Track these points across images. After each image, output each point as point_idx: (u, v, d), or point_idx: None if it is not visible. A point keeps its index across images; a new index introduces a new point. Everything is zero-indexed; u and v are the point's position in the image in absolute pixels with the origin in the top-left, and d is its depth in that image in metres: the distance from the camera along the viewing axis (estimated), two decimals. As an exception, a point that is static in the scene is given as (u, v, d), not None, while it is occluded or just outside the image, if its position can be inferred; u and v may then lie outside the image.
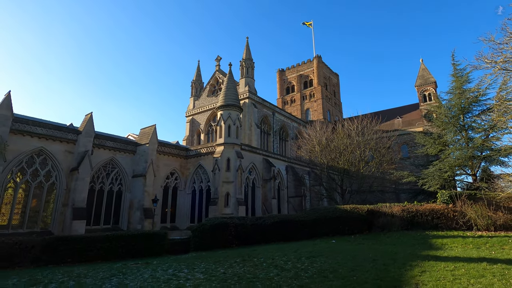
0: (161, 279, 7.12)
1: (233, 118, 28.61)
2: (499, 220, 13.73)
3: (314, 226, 15.67)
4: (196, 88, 53.80)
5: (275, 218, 16.22)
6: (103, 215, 25.76)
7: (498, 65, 14.11)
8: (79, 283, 7.20)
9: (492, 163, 23.70)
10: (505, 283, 5.56)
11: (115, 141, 27.37)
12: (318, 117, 65.43)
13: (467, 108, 25.69)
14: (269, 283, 6.46)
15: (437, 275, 6.36)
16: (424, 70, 54.38)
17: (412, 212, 16.12)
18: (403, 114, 58.21)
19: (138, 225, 25.95)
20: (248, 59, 46.64)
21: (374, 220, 16.51)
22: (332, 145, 27.84)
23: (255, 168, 31.76)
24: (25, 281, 7.50)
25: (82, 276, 8.12)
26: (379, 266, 7.55)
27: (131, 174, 27.58)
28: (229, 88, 29.95)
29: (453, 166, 24.85)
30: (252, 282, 6.44)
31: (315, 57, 69.69)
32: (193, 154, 31.80)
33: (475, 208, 14.42)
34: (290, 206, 35.30)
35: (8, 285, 7.18)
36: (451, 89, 27.01)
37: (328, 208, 17.81)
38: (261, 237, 15.23)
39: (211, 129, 48.66)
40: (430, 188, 26.12)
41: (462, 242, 11.38)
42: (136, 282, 6.97)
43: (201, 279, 6.99)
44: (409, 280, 6.07)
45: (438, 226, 15.24)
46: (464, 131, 25.41)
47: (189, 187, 31.12)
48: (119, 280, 7.34)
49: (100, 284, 6.91)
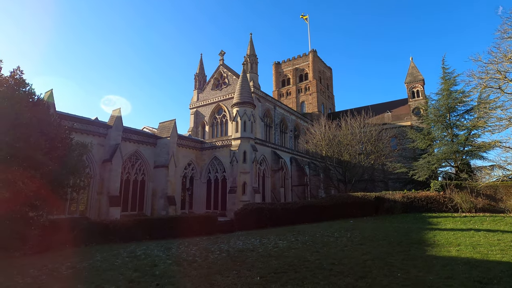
0: (256, 244, 10.19)
1: (248, 114, 31.42)
2: (479, 204, 17.65)
3: (333, 210, 19.11)
4: (199, 81, 55.54)
5: (300, 204, 19.55)
6: (130, 202, 28.37)
7: (484, 81, 17.81)
8: (171, 248, 10.08)
9: (473, 157, 27.88)
10: (487, 240, 9.03)
11: (139, 135, 29.77)
12: (313, 109, 68.93)
13: (453, 108, 29.66)
14: (335, 243, 9.66)
15: (444, 236, 9.81)
16: (414, 68, 58.44)
17: (410, 198, 19.90)
18: (393, 108, 62.41)
19: (163, 211, 28.72)
20: (252, 55, 48.80)
21: (380, 205, 20.17)
22: (336, 139, 31.32)
23: (265, 160, 34.94)
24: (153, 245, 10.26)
25: (172, 245, 11.00)
26: (402, 234, 10.96)
27: (152, 164, 30.09)
28: (244, 86, 32.57)
29: (440, 159, 29.04)
30: (325, 245, 9.56)
31: (311, 51, 72.28)
32: (208, 147, 34.55)
33: (460, 195, 18.26)
34: (294, 194, 38.95)
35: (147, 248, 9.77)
36: (440, 90, 30.95)
37: (343, 195, 21.29)
38: (289, 219, 18.49)
39: (215, 121, 51.01)
40: (419, 178, 30.31)
41: (452, 220, 15.09)
42: (237, 245, 9.97)
43: (285, 243, 10.10)
44: (428, 239, 9.47)
45: (432, 209, 19.07)
46: (450, 129, 29.43)
47: (204, 177, 33.99)
48: (218, 247, 10.28)
49: (207, 245, 9.80)
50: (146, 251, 9.45)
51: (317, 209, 19.01)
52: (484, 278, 5.33)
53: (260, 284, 5.36)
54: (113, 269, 6.96)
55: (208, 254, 8.57)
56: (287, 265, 6.62)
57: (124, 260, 8.17)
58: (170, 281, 5.86)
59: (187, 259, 7.95)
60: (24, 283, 6.09)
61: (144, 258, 8.31)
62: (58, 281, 6.31)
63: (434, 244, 8.58)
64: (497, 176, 22.57)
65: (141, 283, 5.81)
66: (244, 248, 9.45)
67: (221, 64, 52.73)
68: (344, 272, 5.91)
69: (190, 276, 6.14)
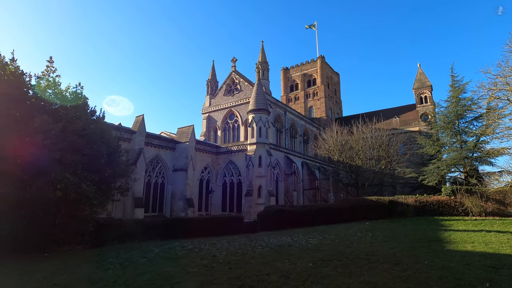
0: (289, 241, 11.50)
1: (263, 120, 32.89)
2: (488, 208, 18.74)
3: (349, 212, 20.33)
4: (211, 86, 57.24)
5: (318, 206, 20.84)
6: (151, 204, 29.89)
7: (493, 92, 19.04)
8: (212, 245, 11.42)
9: (482, 163, 28.85)
10: (497, 239, 10.23)
11: (160, 139, 31.41)
12: (321, 114, 70.28)
13: (462, 115, 30.74)
14: (361, 241, 10.93)
15: (458, 236, 11.03)
16: (421, 74, 59.50)
17: (423, 202, 21.04)
18: (400, 114, 63.38)
19: (182, 213, 30.13)
20: (264, 62, 50.40)
21: (393, 208, 21.32)
22: (348, 145, 32.56)
23: (278, 164, 36.31)
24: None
25: (211, 243, 12.34)
26: (420, 233, 12.19)
27: (171, 168, 31.61)
28: (259, 93, 34.09)
29: (449, 165, 30.05)
30: (353, 242, 10.80)
31: (319, 57, 73.76)
32: (224, 151, 36.05)
33: (471, 199, 19.36)
34: (305, 197, 40.20)
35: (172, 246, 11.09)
36: (449, 98, 32.01)
37: (358, 198, 22.50)
38: (307, 221, 19.74)
39: (227, 126, 52.53)
40: (429, 183, 31.32)
41: (464, 223, 16.21)
42: (272, 242, 11.29)
43: (315, 241, 11.39)
44: (445, 238, 10.70)
45: (443, 213, 20.17)
46: (459, 135, 30.47)
47: (220, 180, 35.45)
48: (257, 243, 11.61)
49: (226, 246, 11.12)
50: (195, 246, 10.82)
51: (334, 211, 20.25)
52: (497, 265, 6.56)
53: (314, 268, 6.67)
54: (183, 257, 8.33)
55: (253, 248, 9.91)
56: (328, 256, 7.92)
57: (183, 252, 9.56)
58: (238, 266, 7.20)
59: (237, 252, 9.30)
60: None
61: (199, 251, 9.69)
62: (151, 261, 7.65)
63: (451, 242, 9.81)
64: (506, 182, 23.65)
65: (215, 267, 7.15)
66: (281, 244, 10.77)
67: (233, 70, 54.41)
68: (379, 261, 7.19)
69: (251, 263, 7.47)
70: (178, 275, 6.41)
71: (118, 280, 6.35)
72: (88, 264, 8.15)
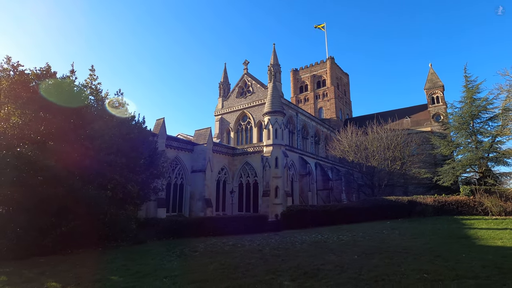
0: (321, 238, 12.20)
1: (279, 122, 33.63)
2: (508, 208, 19.12)
3: (369, 212, 20.91)
4: (223, 89, 58.19)
5: (338, 206, 21.46)
6: (171, 204, 30.84)
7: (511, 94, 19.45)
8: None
9: (498, 163, 29.08)
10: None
11: (179, 142, 32.39)
12: (331, 115, 70.71)
13: (476, 115, 30.97)
14: (391, 238, 11.56)
15: (485, 233, 11.58)
16: (433, 74, 59.49)
17: (441, 202, 21.49)
18: (412, 114, 63.35)
19: (201, 212, 30.98)
20: (276, 64, 50.98)
21: (412, 208, 21.82)
22: (363, 146, 33.07)
23: (293, 165, 36.98)
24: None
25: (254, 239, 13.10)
26: (446, 231, 12.76)
27: (189, 169, 32.51)
28: (275, 96, 34.87)
29: (465, 165, 30.33)
30: (384, 239, 11.43)
31: (328, 58, 74.21)
32: (240, 153, 36.88)
33: (490, 199, 19.75)
34: (319, 198, 40.75)
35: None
36: (463, 98, 32.29)
37: (377, 198, 23.06)
38: (328, 220, 20.37)
39: (240, 128, 53.34)
40: (444, 183, 31.61)
41: (485, 222, 16.66)
42: (305, 239, 12.00)
43: (346, 238, 12.06)
44: (472, 235, 11.27)
45: (462, 212, 20.60)
46: (474, 135, 30.72)
47: (236, 181, 36.27)
48: (292, 239, 12.33)
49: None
50: (236, 242, 11.63)
51: (355, 211, 20.85)
52: (530, 257, 7.18)
53: (361, 260, 7.37)
54: (230, 251, 9.12)
55: (292, 244, 10.66)
56: (368, 250, 8.61)
57: (228, 247, 10.36)
58: (289, 258, 7.94)
59: (279, 247, 10.05)
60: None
61: (241, 246, 10.48)
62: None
63: (479, 238, 10.39)
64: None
65: (269, 259, 7.91)
66: (315, 240, 11.49)
67: (245, 73, 55.29)
68: (419, 254, 7.85)
69: (299, 256, 8.20)
70: (241, 265, 7.16)
71: (190, 269, 7.11)
72: (150, 257, 8.97)
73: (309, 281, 5.57)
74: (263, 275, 6.12)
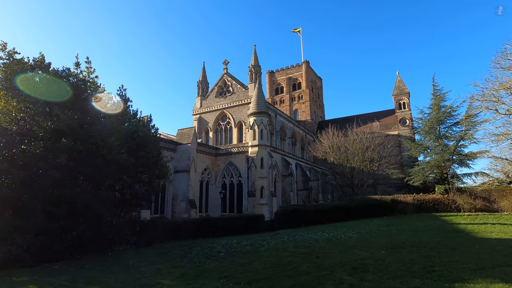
0: (328, 236, 12.71)
1: (264, 123, 34.04)
2: (477, 205, 21.38)
3: (357, 210, 22.05)
4: (202, 88, 57.20)
5: (329, 205, 22.35)
6: (153, 205, 29.79)
7: (483, 104, 21.70)
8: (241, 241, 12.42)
9: (461, 165, 32.22)
10: (503, 230, 12.17)
11: (162, 141, 31.32)
12: (306, 117, 72.89)
13: (442, 121, 34.08)
14: (396, 233, 12.40)
15: (475, 228, 12.92)
16: (400, 82, 63.92)
17: (420, 200, 23.35)
18: (381, 118, 67.43)
19: (184, 214, 30.31)
20: (256, 66, 51.34)
21: (394, 206, 23.42)
22: (343, 147, 34.66)
23: (276, 166, 37.58)
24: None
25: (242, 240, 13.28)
26: (433, 227, 13.97)
27: (172, 169, 31.63)
28: (260, 97, 35.20)
29: (433, 166, 33.19)
30: (390, 235, 12.22)
31: (304, 62, 76.48)
32: (223, 153, 36.67)
33: (462, 197, 21.91)
34: (299, 198, 41.83)
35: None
36: (431, 105, 35.38)
37: (364, 198, 24.36)
38: (319, 219, 21.14)
39: (219, 128, 52.84)
40: (414, 183, 34.31)
41: (462, 218, 18.46)
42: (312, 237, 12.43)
43: (354, 235, 12.67)
44: (464, 229, 12.51)
45: (438, 209, 22.57)
46: (440, 139, 33.73)
47: (219, 181, 35.98)
48: (302, 238, 12.69)
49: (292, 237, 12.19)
50: (250, 242, 11.68)
51: (344, 210, 21.86)
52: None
53: (392, 254, 7.89)
54: (253, 251, 9.19)
55: (309, 242, 10.98)
56: (389, 245, 9.21)
57: (247, 247, 10.40)
58: (324, 255, 8.23)
59: (299, 245, 10.30)
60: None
61: (259, 246, 10.59)
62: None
63: (474, 232, 11.59)
64: (481, 180, 26.81)
65: (307, 257, 8.12)
66: (326, 238, 11.96)
67: (225, 73, 54.90)
68: (437, 247, 8.59)
69: (331, 253, 8.51)
70: (282, 262, 7.30)
71: (234, 269, 7.00)
72: (178, 259, 8.68)
73: (366, 275, 5.90)
74: (316, 271, 6.33)
